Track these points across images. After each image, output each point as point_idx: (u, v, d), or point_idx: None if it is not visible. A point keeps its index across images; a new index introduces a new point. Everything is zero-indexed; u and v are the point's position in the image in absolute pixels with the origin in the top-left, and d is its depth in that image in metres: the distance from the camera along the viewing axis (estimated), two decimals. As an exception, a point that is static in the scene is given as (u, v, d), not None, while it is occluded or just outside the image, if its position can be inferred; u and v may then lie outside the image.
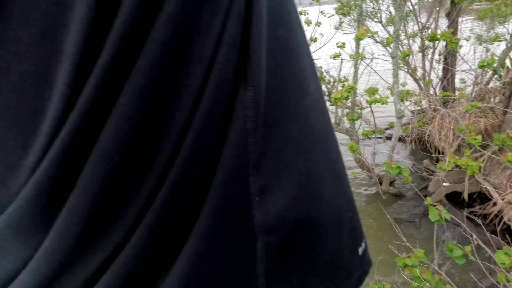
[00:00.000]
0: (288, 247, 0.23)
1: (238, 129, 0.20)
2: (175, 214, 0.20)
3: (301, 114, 0.22)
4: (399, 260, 1.37)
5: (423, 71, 4.05)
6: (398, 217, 3.07)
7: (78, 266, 0.19)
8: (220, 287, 0.22)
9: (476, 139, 2.37)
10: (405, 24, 4.06)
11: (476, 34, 4.24)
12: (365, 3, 3.84)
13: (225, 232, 0.21)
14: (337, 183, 0.25)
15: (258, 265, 0.22)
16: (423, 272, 1.30)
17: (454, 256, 1.43)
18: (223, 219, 0.21)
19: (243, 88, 0.20)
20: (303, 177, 0.22)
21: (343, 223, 0.26)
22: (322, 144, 0.24)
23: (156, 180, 0.19)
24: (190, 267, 0.21)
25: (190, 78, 0.18)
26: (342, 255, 0.26)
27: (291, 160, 0.22)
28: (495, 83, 3.63)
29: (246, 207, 0.21)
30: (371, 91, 2.57)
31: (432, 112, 3.56)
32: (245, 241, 0.22)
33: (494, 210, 2.77)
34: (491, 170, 2.89)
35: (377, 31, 3.18)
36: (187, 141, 0.19)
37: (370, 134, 3.19)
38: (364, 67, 3.48)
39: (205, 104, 0.19)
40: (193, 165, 0.19)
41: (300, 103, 0.22)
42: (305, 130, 0.23)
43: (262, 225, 0.21)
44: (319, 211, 0.24)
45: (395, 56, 2.68)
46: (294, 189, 0.22)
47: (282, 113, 0.21)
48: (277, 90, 0.21)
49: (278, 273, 0.23)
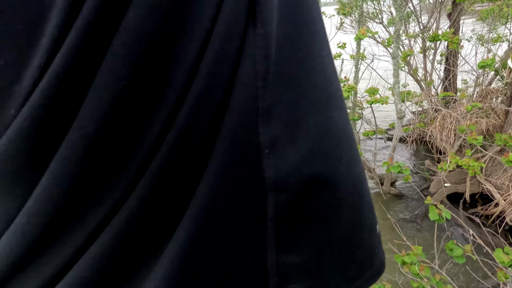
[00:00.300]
0: (302, 208, 0.21)
1: (247, 70, 0.18)
2: (183, 162, 0.18)
3: (318, 65, 0.21)
4: (398, 258, 1.36)
5: (424, 71, 4.04)
6: (399, 218, 3.05)
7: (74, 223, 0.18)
8: (227, 246, 0.20)
9: (478, 139, 2.36)
10: (406, 25, 4.06)
11: (477, 35, 4.23)
12: (366, 3, 3.85)
13: (234, 187, 0.19)
14: (353, 148, 0.23)
15: (268, 227, 0.20)
16: (422, 269, 1.29)
17: (454, 255, 1.42)
18: (232, 170, 0.19)
19: (253, 25, 0.18)
20: (319, 133, 0.21)
21: (363, 193, 0.24)
22: (338, 101, 0.22)
23: (164, 118, 0.17)
24: (197, 223, 0.19)
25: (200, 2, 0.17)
26: (362, 230, 0.24)
27: (306, 114, 0.20)
28: (497, 84, 3.61)
29: (256, 160, 0.19)
30: (371, 91, 2.56)
31: (434, 112, 3.55)
32: (254, 199, 0.20)
33: (496, 211, 2.75)
34: (493, 171, 2.87)
35: (377, 31, 3.18)
36: (199, 76, 0.17)
37: (371, 134, 3.19)
38: (365, 67, 3.48)
39: (218, 36, 0.17)
40: (204, 104, 0.18)
41: (316, 53, 0.21)
42: (322, 82, 0.21)
43: (273, 181, 0.20)
44: (336, 172, 0.21)
45: (396, 56, 2.68)
46: (309, 145, 0.20)
47: (296, 62, 0.20)
48: (291, 36, 0.19)
49: (289, 239, 0.21)
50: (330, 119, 0.21)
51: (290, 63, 0.19)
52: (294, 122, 0.20)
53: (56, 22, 0.15)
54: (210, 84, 0.17)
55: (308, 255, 0.22)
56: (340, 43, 3.42)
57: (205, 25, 0.17)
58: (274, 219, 0.20)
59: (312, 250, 0.22)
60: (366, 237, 0.24)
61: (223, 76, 0.18)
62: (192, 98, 0.17)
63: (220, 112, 0.19)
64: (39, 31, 0.15)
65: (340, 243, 0.23)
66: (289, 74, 0.19)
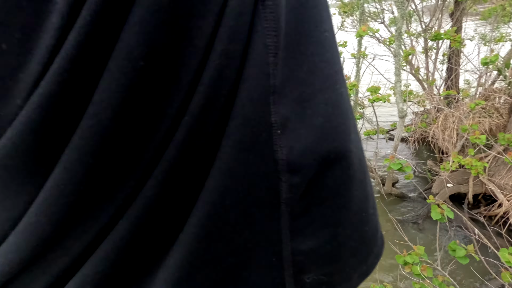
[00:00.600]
0: (316, 189, 0.20)
1: (258, 46, 0.17)
2: (198, 146, 0.17)
3: (325, 39, 0.20)
4: (399, 258, 1.33)
5: (426, 71, 4.02)
6: (401, 218, 3.02)
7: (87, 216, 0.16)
8: (241, 234, 0.19)
9: (480, 138, 2.33)
10: (408, 24, 4.04)
11: (480, 34, 4.20)
12: (367, 3, 3.83)
13: (246, 170, 0.18)
14: (355, 124, 0.23)
15: (282, 212, 0.20)
16: (424, 270, 1.26)
17: (457, 256, 1.39)
18: (244, 153, 0.18)
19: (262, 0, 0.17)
20: (330, 108, 0.20)
21: (365, 168, 0.23)
22: (343, 76, 0.22)
23: (180, 101, 0.16)
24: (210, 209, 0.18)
25: None
26: (368, 206, 0.23)
27: (317, 90, 0.19)
28: (500, 83, 3.59)
29: (268, 141, 0.18)
30: (373, 89, 2.54)
31: (436, 112, 3.52)
32: (267, 183, 0.19)
33: (499, 212, 2.72)
34: (496, 171, 2.84)
35: (378, 28, 3.16)
36: (213, 54, 0.16)
37: (372, 134, 3.16)
38: (366, 66, 3.46)
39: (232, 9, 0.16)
40: (220, 83, 0.17)
41: (322, 27, 0.20)
42: (329, 57, 0.20)
43: (286, 163, 0.19)
44: (348, 147, 0.21)
45: (398, 55, 2.66)
46: (321, 122, 0.19)
47: (304, 36, 0.19)
48: (297, 9, 0.19)
49: (305, 223, 0.20)
50: (339, 95, 0.21)
51: (299, 37, 0.19)
52: (306, 99, 0.19)
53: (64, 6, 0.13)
54: (223, 63, 0.17)
55: (323, 238, 0.21)
56: (341, 42, 3.41)
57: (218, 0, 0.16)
58: (289, 203, 0.19)
59: (326, 232, 0.21)
60: (371, 213, 0.23)
61: (236, 54, 0.17)
62: (207, 78, 0.16)
63: (233, 92, 0.17)
64: (47, 8, 0.14)
65: (352, 222, 0.22)
66: (299, 50, 0.19)
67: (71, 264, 0.18)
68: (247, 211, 0.19)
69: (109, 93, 0.14)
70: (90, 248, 0.18)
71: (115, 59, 0.14)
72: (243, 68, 0.17)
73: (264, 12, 0.17)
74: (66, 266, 0.18)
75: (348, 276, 0.23)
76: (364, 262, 0.24)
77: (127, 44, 0.14)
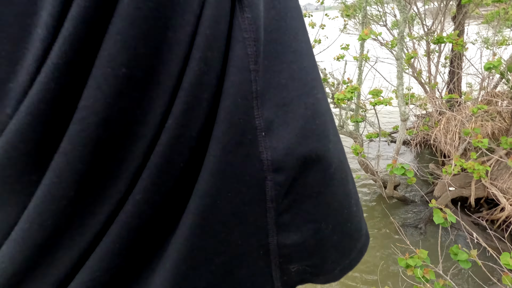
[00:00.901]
0: (299, 187, 0.21)
1: (239, 54, 0.19)
2: (183, 149, 0.18)
3: (302, 48, 0.22)
4: (401, 261, 1.33)
5: (428, 74, 4.01)
6: (403, 222, 3.01)
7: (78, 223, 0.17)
8: (231, 231, 0.20)
9: (483, 142, 2.32)
10: (410, 27, 4.04)
11: (482, 38, 4.20)
12: (370, 6, 3.83)
13: (234, 171, 0.19)
14: (335, 127, 0.24)
15: (268, 208, 0.21)
16: (426, 273, 1.26)
17: (459, 259, 1.38)
18: (231, 155, 0.19)
19: (241, 10, 0.19)
20: (309, 113, 0.21)
21: (346, 168, 0.25)
22: (321, 83, 0.23)
23: (163, 106, 0.17)
24: (201, 210, 0.19)
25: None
26: (350, 203, 0.25)
27: (297, 94, 0.21)
28: (502, 87, 3.57)
29: (253, 143, 0.20)
30: (375, 92, 2.54)
31: (438, 115, 3.51)
32: (254, 181, 0.20)
33: (502, 216, 2.70)
34: (499, 175, 2.83)
35: (381, 32, 3.16)
36: (192, 61, 0.17)
37: (374, 137, 3.16)
38: (368, 69, 3.45)
39: (207, 20, 0.17)
40: (200, 88, 0.18)
41: (300, 38, 0.22)
42: (308, 65, 0.22)
43: (271, 163, 0.20)
44: (326, 148, 0.22)
45: (400, 58, 2.66)
46: (301, 124, 0.21)
47: (283, 45, 0.21)
48: (277, 21, 0.20)
49: (289, 218, 0.22)
50: (317, 99, 0.22)
51: (278, 46, 0.20)
52: (287, 103, 0.20)
53: (50, 11, 0.14)
54: (203, 69, 0.17)
55: (307, 232, 0.22)
56: (344, 45, 3.41)
57: (194, 10, 0.17)
58: (274, 200, 0.21)
59: (309, 227, 0.22)
60: (354, 210, 0.25)
61: (215, 60, 0.18)
62: (187, 83, 0.17)
63: (216, 97, 0.18)
64: (32, 21, 0.14)
65: (334, 218, 0.23)
66: (278, 57, 0.20)
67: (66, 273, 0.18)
68: (237, 209, 0.20)
69: (94, 99, 0.15)
70: (85, 254, 0.18)
71: (98, 67, 0.15)
72: (225, 75, 0.18)
73: (243, 24, 0.18)
74: (61, 274, 0.18)
75: (331, 268, 0.24)
76: (347, 256, 0.25)
77: (109, 53, 0.15)
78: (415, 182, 2.24)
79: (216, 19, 0.17)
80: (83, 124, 0.15)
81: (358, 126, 3.32)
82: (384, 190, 3.17)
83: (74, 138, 0.15)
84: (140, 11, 0.15)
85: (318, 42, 3.70)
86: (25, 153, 0.15)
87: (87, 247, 0.18)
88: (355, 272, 2.48)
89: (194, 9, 0.17)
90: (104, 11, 0.15)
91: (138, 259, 0.19)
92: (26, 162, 0.15)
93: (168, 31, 0.16)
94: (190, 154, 0.19)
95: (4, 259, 0.16)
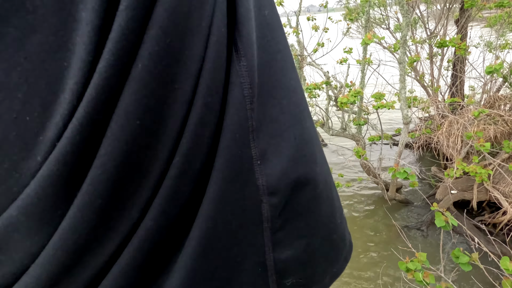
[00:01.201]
0: (291, 207, 0.24)
1: (237, 96, 0.21)
2: (188, 181, 0.21)
3: (291, 85, 0.25)
4: (402, 264, 1.34)
5: (431, 77, 4.02)
6: (405, 224, 3.02)
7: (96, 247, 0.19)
8: (231, 251, 0.23)
9: (485, 146, 2.33)
10: (413, 31, 4.04)
11: (485, 41, 4.20)
12: (372, 9, 3.85)
13: (233, 197, 0.22)
14: (321, 150, 0.28)
15: (264, 228, 0.24)
16: (426, 276, 1.27)
17: (460, 263, 1.40)
18: (231, 183, 0.22)
19: (237, 59, 0.21)
20: (298, 141, 0.24)
21: (331, 187, 0.28)
22: (309, 113, 0.27)
23: (170, 147, 0.20)
24: (205, 232, 0.22)
25: (193, 48, 0.19)
26: (335, 217, 0.28)
27: (287, 126, 0.24)
28: (505, 90, 3.58)
29: (250, 171, 0.23)
30: (377, 96, 2.55)
31: (440, 119, 3.52)
32: (251, 204, 0.23)
33: (504, 219, 2.70)
34: (501, 178, 2.83)
35: (384, 36, 3.17)
36: (195, 106, 0.20)
37: (376, 140, 3.17)
38: (371, 73, 3.47)
39: (208, 72, 0.20)
40: (203, 129, 0.20)
41: (289, 76, 0.25)
42: (296, 99, 0.25)
43: (266, 187, 0.23)
44: (314, 172, 0.25)
45: (403, 62, 2.67)
46: (291, 153, 0.24)
47: (275, 84, 0.23)
48: (268, 63, 0.23)
49: (283, 235, 0.25)
50: (306, 129, 0.25)
51: (270, 85, 0.23)
52: (279, 134, 0.24)
53: (76, 80, 0.17)
54: (204, 112, 0.20)
55: (299, 247, 0.25)
56: (347, 48, 3.43)
57: (196, 64, 0.20)
58: (269, 220, 0.24)
59: (301, 243, 0.26)
60: (338, 222, 0.29)
61: (215, 104, 0.21)
62: (191, 125, 0.20)
63: (216, 134, 0.22)
64: (59, 88, 0.17)
65: (322, 231, 0.27)
66: (270, 95, 0.23)
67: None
68: (236, 230, 0.23)
69: (112, 147, 0.18)
70: (100, 274, 0.21)
71: (116, 121, 0.18)
72: (225, 114, 0.22)
73: (240, 70, 0.22)
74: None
75: (322, 277, 0.28)
76: (334, 265, 0.28)
77: (125, 109, 0.18)
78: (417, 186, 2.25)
79: (215, 70, 0.20)
80: (103, 168, 0.18)
81: (360, 128, 3.33)
82: (386, 192, 3.18)
83: (95, 180, 0.18)
84: (152, 74, 0.18)
85: (321, 45, 3.72)
86: (54, 194, 0.17)
87: (103, 267, 0.20)
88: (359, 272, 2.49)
89: (197, 63, 0.20)
90: (120, 77, 0.18)
91: (148, 277, 0.22)
92: (54, 201, 0.18)
93: (174, 84, 0.19)
94: (194, 184, 0.21)
95: (31, 279, 0.19)
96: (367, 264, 2.59)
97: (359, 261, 2.63)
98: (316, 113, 3.66)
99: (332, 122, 3.55)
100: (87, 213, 0.18)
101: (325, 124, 3.47)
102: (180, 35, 0.18)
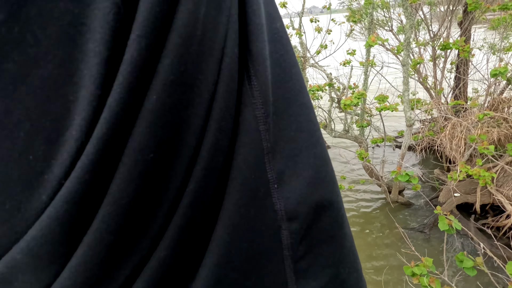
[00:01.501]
0: (313, 233, 0.23)
1: (248, 117, 0.20)
2: (202, 209, 0.20)
3: (307, 101, 0.23)
4: (407, 269, 1.34)
5: (434, 80, 4.01)
6: (407, 227, 3.00)
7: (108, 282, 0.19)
8: (248, 280, 0.21)
9: (489, 148, 2.32)
10: (416, 33, 4.04)
11: (489, 44, 4.18)
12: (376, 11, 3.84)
13: (249, 224, 0.21)
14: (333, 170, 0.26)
15: (285, 256, 0.22)
16: (432, 282, 1.27)
17: (464, 267, 1.39)
18: (246, 209, 0.21)
19: (248, 78, 0.20)
20: (318, 161, 0.23)
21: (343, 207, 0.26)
22: (320, 132, 0.25)
23: (183, 175, 0.19)
24: (218, 259, 0.20)
25: (206, 72, 0.18)
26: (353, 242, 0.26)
27: (305, 146, 0.22)
28: (509, 93, 3.56)
29: (267, 196, 0.21)
30: (380, 98, 2.55)
31: (443, 121, 3.50)
32: (269, 231, 0.21)
33: (507, 223, 2.69)
34: (505, 181, 2.81)
35: (387, 38, 3.17)
36: (208, 132, 0.19)
37: (379, 142, 3.16)
38: (374, 75, 3.46)
39: (221, 95, 0.19)
40: (217, 154, 0.19)
41: (303, 92, 0.23)
42: (312, 116, 0.23)
43: (284, 213, 0.21)
44: (336, 194, 0.24)
45: (406, 64, 2.67)
46: (311, 174, 0.22)
47: (291, 100, 0.22)
48: (283, 78, 0.22)
49: (307, 265, 0.23)
50: (323, 149, 0.24)
51: (285, 102, 0.22)
52: (296, 154, 0.22)
53: (84, 115, 0.16)
54: (218, 137, 0.19)
55: (326, 277, 0.23)
56: (350, 50, 3.42)
57: (209, 90, 0.19)
58: (290, 248, 0.22)
59: (328, 272, 0.23)
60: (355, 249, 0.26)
61: (227, 128, 0.20)
62: (205, 152, 0.19)
63: (228, 158, 0.20)
64: (65, 124, 0.16)
65: (348, 260, 0.25)
66: (287, 112, 0.22)
67: None
68: (253, 258, 0.21)
69: (125, 183, 0.17)
70: None
71: (128, 155, 0.17)
72: (236, 136, 0.20)
73: (251, 90, 0.20)
74: None
75: None
76: None
77: (139, 143, 0.17)
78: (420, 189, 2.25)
79: (229, 92, 0.19)
80: (115, 205, 0.17)
81: (363, 130, 3.33)
82: (389, 195, 3.17)
83: (105, 217, 0.17)
84: (166, 105, 0.17)
85: (324, 47, 3.72)
86: (62, 233, 0.17)
87: None
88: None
89: (210, 87, 0.19)
90: (132, 111, 0.16)
91: None
92: (61, 241, 0.17)
93: (188, 110, 0.18)
94: (207, 210, 0.20)
95: None
96: (370, 266, 2.58)
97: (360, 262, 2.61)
98: (319, 115, 3.66)
99: (334, 124, 3.55)
100: (98, 250, 0.17)
101: (327, 126, 3.46)
102: (194, 61, 0.18)
